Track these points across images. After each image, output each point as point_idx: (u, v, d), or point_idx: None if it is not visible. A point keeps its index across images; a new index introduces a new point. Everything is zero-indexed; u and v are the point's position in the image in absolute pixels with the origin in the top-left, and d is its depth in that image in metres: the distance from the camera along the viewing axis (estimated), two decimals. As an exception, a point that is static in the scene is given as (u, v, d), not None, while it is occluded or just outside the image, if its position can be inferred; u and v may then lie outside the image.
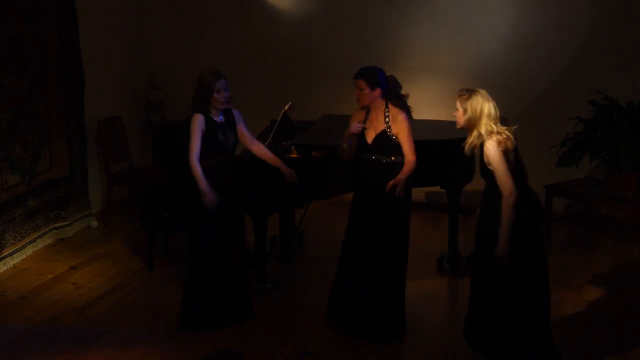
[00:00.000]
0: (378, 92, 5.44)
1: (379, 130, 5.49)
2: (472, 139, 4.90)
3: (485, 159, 4.89)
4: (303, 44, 8.52)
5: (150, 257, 6.85)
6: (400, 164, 5.47)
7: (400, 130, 5.44)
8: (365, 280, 5.58)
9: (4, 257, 6.90)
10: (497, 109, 4.88)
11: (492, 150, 4.83)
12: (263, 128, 6.87)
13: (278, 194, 6.15)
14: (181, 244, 7.00)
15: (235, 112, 5.75)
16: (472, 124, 4.88)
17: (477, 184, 7.91)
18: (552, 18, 7.90)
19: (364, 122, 5.55)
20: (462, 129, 5.01)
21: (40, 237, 7.36)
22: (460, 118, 4.94)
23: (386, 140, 5.47)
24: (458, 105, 4.94)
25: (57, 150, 7.59)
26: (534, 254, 4.97)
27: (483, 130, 4.84)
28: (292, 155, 6.30)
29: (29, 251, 7.19)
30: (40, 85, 7.38)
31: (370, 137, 5.53)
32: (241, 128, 5.77)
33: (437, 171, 6.51)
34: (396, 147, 5.48)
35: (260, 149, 5.92)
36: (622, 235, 7.62)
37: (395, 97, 5.63)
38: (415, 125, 5.65)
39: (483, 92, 4.91)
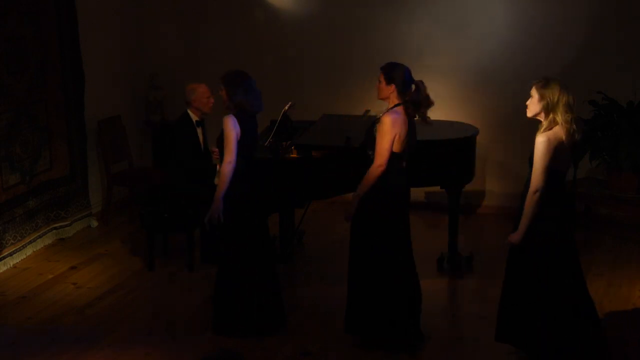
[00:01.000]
0: (392, 88, 5.38)
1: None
2: (547, 123, 4.83)
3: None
4: (303, 44, 8.52)
5: (150, 257, 6.85)
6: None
7: (378, 130, 5.32)
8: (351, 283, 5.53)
9: (4, 257, 6.90)
10: (575, 98, 4.82)
11: (538, 145, 4.79)
12: (263, 128, 6.86)
13: (278, 194, 6.15)
14: (181, 244, 7.01)
15: (227, 119, 5.45)
16: (548, 110, 4.81)
17: (477, 184, 7.97)
18: (552, 18, 7.89)
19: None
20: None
21: (40, 237, 7.35)
22: (534, 105, 4.87)
23: (369, 134, 5.42)
24: (534, 92, 4.87)
25: (57, 150, 7.59)
26: (561, 254, 4.93)
27: (559, 119, 4.78)
28: (292, 155, 6.30)
29: (29, 251, 7.19)
30: (40, 85, 7.38)
31: None
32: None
33: (437, 171, 6.51)
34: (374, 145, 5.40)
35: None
36: (622, 235, 7.61)
37: (425, 102, 5.54)
38: (415, 125, 5.63)
39: (559, 80, 4.85)
